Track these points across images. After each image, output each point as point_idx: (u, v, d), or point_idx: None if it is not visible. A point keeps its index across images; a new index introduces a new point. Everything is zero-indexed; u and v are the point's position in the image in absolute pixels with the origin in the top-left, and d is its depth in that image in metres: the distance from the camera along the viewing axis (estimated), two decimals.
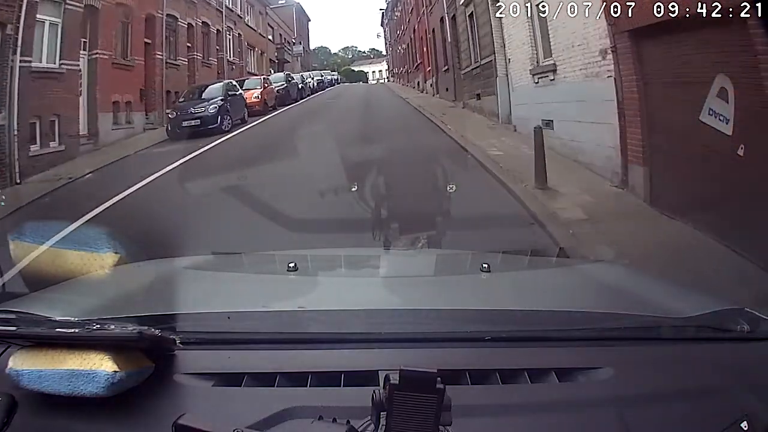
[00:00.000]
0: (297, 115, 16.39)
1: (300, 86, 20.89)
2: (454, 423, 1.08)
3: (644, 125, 6.87)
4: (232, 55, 19.40)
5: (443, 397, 1.05)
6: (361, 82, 28.27)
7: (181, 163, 10.18)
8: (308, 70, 25.07)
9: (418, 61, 23.47)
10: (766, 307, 1.65)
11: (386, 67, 29.35)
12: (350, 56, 29.36)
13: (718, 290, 3.66)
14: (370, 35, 46.03)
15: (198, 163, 10.47)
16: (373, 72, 28.95)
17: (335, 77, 27.13)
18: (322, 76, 25.25)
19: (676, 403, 1.31)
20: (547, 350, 1.49)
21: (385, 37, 29.85)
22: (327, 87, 24.93)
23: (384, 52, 29.43)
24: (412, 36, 24.84)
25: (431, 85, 21.06)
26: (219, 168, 9.06)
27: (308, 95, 21.43)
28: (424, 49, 21.87)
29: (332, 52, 29.35)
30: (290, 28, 25.78)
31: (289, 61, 25.14)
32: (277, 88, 18.81)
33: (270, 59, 23.58)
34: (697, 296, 2.05)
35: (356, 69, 29.01)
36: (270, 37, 23.69)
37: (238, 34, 20.02)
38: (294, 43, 26.04)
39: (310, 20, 27.71)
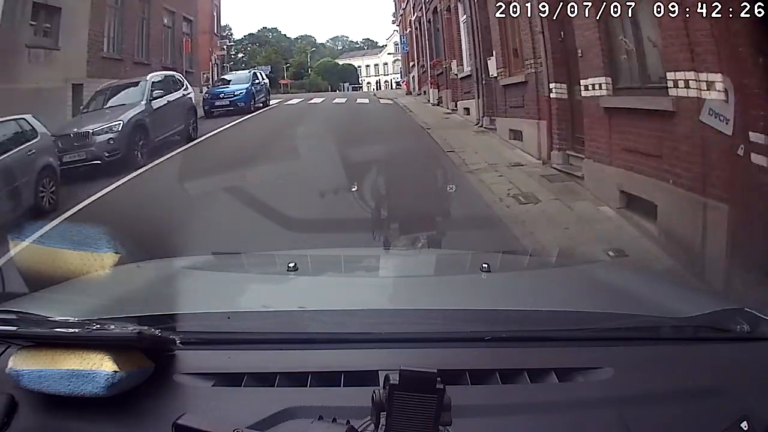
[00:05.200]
0: None
1: None
2: (454, 423, 1.08)
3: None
4: None
5: (443, 397, 1.05)
6: (347, 85, 19.96)
7: None
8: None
9: None
10: (766, 307, 1.65)
11: (392, 60, 20.24)
12: (340, 47, 22.62)
13: None
14: (363, 25, 34.61)
15: None
16: (367, 66, 20.81)
17: (240, 90, 13.17)
18: None
19: (676, 403, 1.31)
20: (547, 350, 1.49)
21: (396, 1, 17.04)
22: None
23: (386, 41, 20.70)
24: None
25: None
26: None
27: None
28: None
29: (318, 42, 22.52)
30: None
31: None
32: None
33: None
34: (696, 296, 2.06)
35: (342, 63, 21.31)
36: None
37: None
38: None
39: None
